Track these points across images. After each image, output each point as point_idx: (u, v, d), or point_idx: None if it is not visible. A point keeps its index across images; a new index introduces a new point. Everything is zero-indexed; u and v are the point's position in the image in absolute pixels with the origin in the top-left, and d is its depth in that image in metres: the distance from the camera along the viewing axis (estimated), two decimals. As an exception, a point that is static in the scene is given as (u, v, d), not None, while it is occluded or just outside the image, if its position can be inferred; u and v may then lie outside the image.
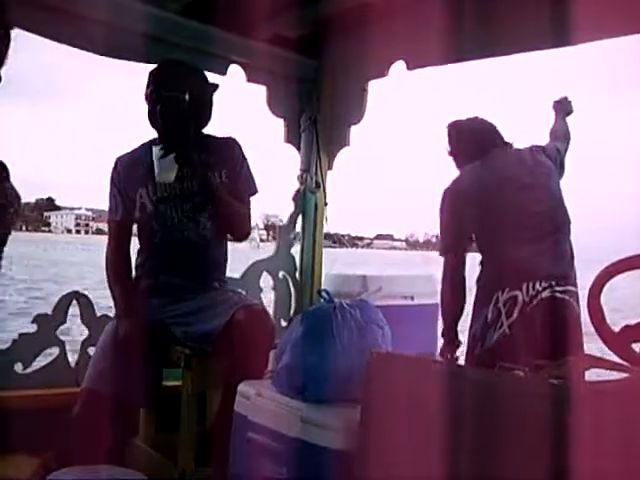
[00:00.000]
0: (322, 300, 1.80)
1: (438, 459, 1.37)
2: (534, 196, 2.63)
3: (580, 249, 2.71)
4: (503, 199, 2.64)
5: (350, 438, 1.50)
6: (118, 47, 2.72)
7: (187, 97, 2.41)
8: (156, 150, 2.35)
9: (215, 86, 2.59)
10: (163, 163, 2.34)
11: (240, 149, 2.60)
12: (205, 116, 2.55)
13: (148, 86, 2.47)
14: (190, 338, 2.37)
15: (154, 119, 2.45)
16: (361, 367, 1.53)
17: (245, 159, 2.59)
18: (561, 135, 2.91)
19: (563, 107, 3.00)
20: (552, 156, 2.77)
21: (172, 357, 2.41)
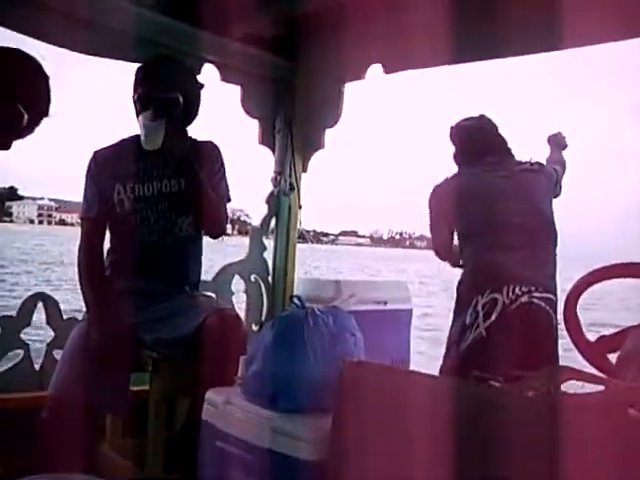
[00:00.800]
0: (294, 306, 1.76)
1: (411, 470, 1.34)
2: (516, 207, 2.64)
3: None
4: (483, 206, 2.67)
5: (322, 448, 1.46)
6: (92, 45, 2.66)
7: (181, 99, 2.36)
8: (144, 115, 2.28)
9: (202, 85, 2.54)
10: (151, 127, 2.27)
11: (219, 154, 2.56)
12: (194, 116, 2.50)
13: (138, 86, 2.38)
14: (160, 343, 2.31)
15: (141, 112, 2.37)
16: (333, 375, 1.50)
17: (223, 165, 2.55)
18: (558, 162, 2.95)
19: (558, 141, 3.06)
20: (548, 173, 2.80)
21: (140, 361, 2.35)
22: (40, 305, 2.62)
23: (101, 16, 2.60)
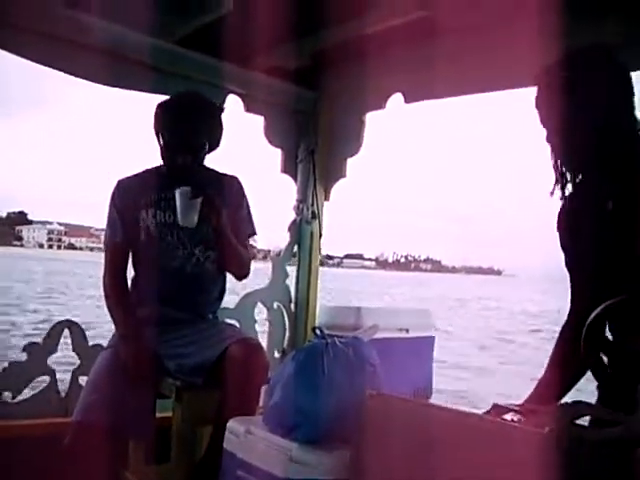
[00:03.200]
0: (315, 337, 1.78)
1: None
2: None
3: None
4: None
5: (339, 479, 1.48)
6: (120, 77, 2.74)
7: (206, 135, 2.43)
8: (181, 191, 2.31)
9: (222, 109, 2.60)
10: (188, 206, 2.31)
11: (242, 189, 2.61)
12: (216, 143, 2.55)
13: (158, 119, 2.45)
14: (182, 371, 2.34)
15: (168, 154, 2.44)
16: (352, 407, 1.51)
17: (246, 199, 2.61)
18: None
19: None
20: None
21: (163, 390, 2.38)
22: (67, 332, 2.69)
23: (127, 50, 2.68)
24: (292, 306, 3.29)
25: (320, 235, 3.27)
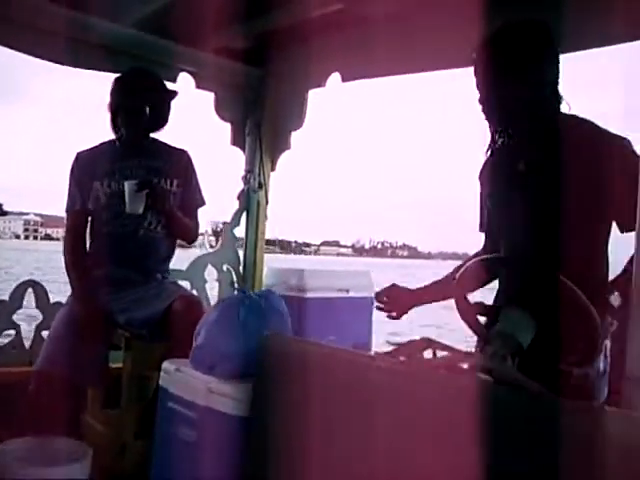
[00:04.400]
0: (236, 291, 2.09)
1: (317, 425, 1.65)
2: None
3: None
4: None
5: (248, 407, 1.79)
6: (79, 58, 2.99)
7: (148, 108, 2.68)
8: (129, 185, 2.58)
9: (174, 93, 2.86)
10: (135, 197, 2.58)
11: (191, 162, 2.88)
12: (163, 122, 2.81)
13: (111, 95, 2.72)
14: (131, 324, 2.64)
15: (115, 127, 2.72)
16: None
17: (195, 172, 2.88)
18: None
19: None
20: None
21: (115, 340, 2.68)
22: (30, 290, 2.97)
23: (86, 33, 2.93)
24: (241, 268, 3.58)
25: (267, 202, 3.55)
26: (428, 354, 1.64)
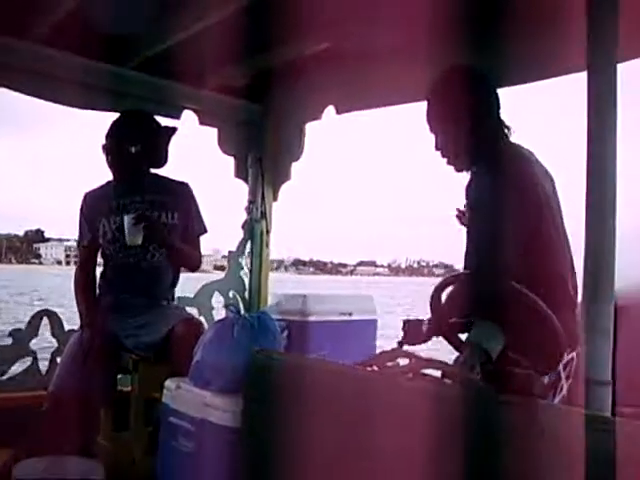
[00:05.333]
0: (230, 312, 2.24)
1: (298, 438, 1.78)
2: None
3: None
4: None
5: (238, 418, 1.94)
6: (87, 101, 3.20)
7: (141, 148, 2.87)
8: (128, 218, 2.74)
9: (173, 130, 3.06)
10: (133, 230, 2.74)
11: (191, 193, 3.06)
12: (159, 159, 3.00)
13: (106, 138, 2.91)
14: (138, 347, 2.81)
15: (111, 165, 2.91)
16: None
17: (195, 202, 3.05)
18: None
19: None
20: None
21: (124, 364, 2.85)
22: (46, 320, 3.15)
23: (92, 77, 3.14)
24: (246, 294, 3.74)
25: (267, 232, 3.72)
26: (403, 362, 1.78)
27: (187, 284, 3.51)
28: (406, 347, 2.05)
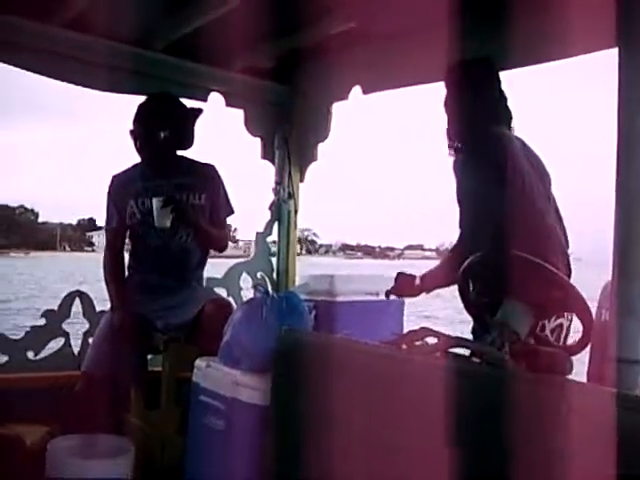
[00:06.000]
0: (258, 292, 2.26)
1: (334, 413, 1.81)
2: None
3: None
4: None
5: (268, 396, 1.96)
6: (113, 84, 3.22)
7: (169, 131, 2.89)
8: (156, 201, 2.77)
9: (199, 111, 3.07)
10: (162, 212, 2.78)
11: (218, 175, 3.08)
12: (186, 142, 3.02)
13: (133, 122, 2.94)
14: (168, 327, 2.84)
15: (139, 150, 2.94)
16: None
17: (222, 184, 3.07)
18: None
19: None
20: None
21: (154, 344, 2.89)
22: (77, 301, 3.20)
23: (119, 60, 3.15)
24: (274, 275, 3.76)
25: (296, 212, 3.73)
26: (431, 341, 1.79)
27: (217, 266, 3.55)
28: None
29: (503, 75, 2.49)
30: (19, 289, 27.72)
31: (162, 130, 2.87)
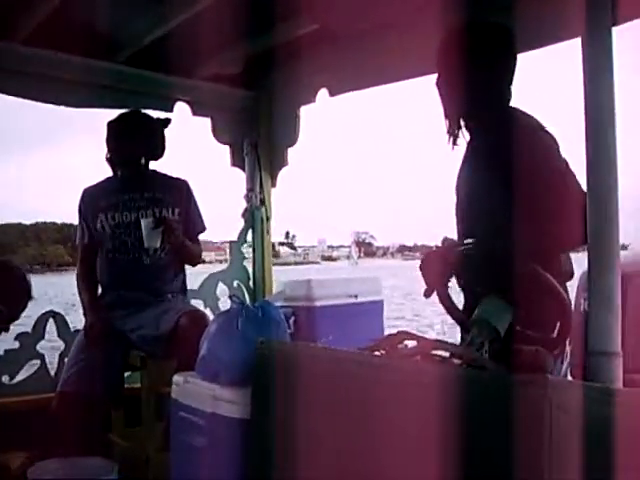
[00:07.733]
0: (233, 303, 2.22)
1: (313, 421, 1.77)
2: None
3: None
4: None
5: (248, 410, 1.92)
6: (80, 99, 3.18)
7: (137, 147, 2.91)
8: (146, 222, 2.77)
9: (168, 120, 3.05)
10: (152, 233, 2.77)
11: (190, 190, 3.07)
12: (158, 152, 3.00)
13: (106, 142, 2.95)
14: (144, 341, 2.80)
15: (112, 165, 2.95)
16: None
17: (194, 200, 3.07)
18: None
19: None
20: None
21: (131, 361, 2.84)
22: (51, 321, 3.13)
23: (84, 74, 3.11)
24: (251, 283, 3.72)
25: (268, 218, 3.70)
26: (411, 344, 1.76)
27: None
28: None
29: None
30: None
31: (133, 146, 2.88)
